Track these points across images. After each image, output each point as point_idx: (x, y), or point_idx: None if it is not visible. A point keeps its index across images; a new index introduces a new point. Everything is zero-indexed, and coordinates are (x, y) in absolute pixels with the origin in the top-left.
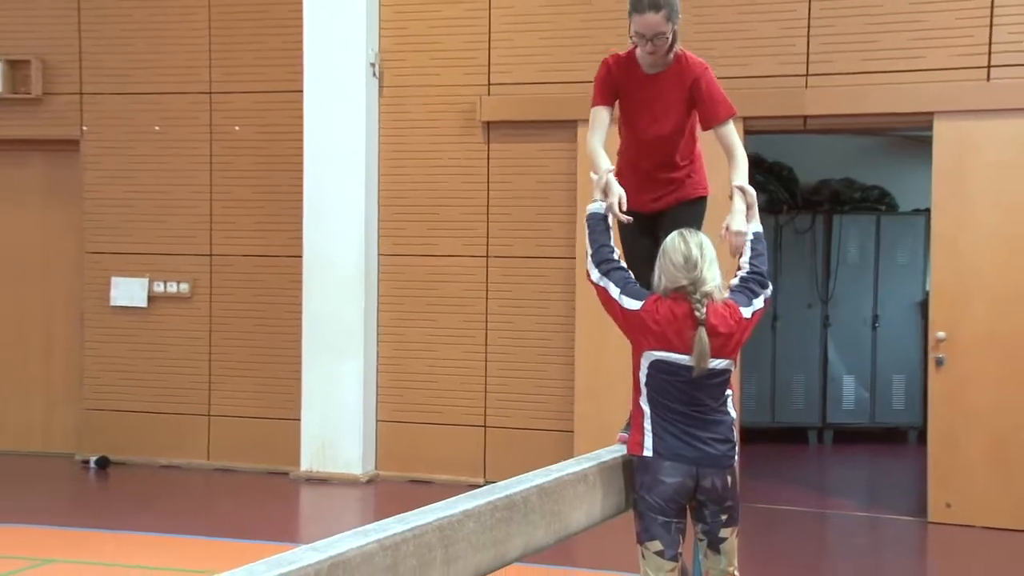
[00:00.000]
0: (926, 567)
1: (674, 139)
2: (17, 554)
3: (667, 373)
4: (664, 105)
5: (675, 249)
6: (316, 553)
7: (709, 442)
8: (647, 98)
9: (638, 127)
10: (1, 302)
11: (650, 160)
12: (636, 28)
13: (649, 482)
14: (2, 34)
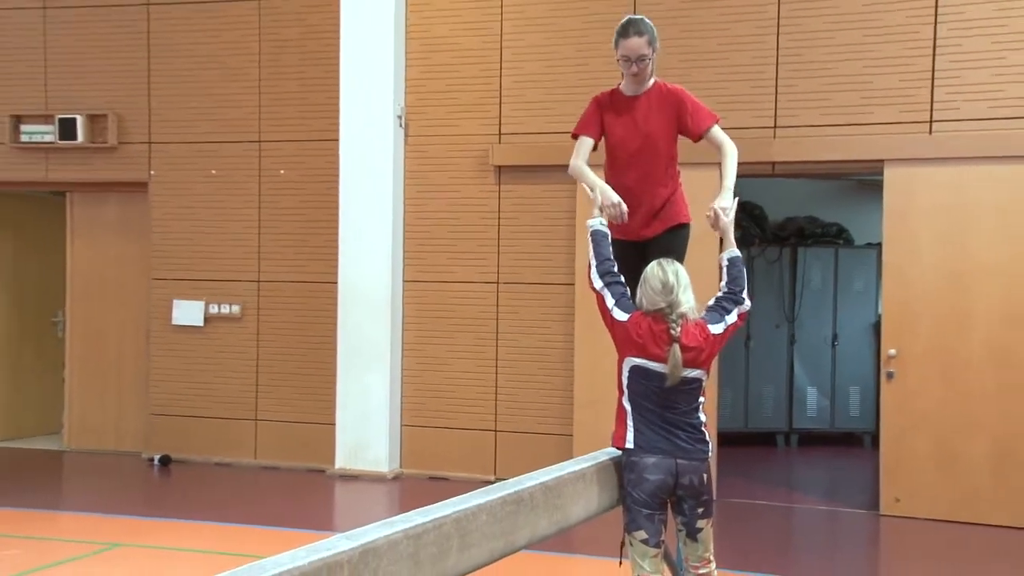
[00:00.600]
0: (878, 553)
1: (655, 147)
2: (90, 539)
3: (645, 379)
4: (644, 116)
5: (654, 276)
6: (349, 541)
7: (683, 438)
8: (630, 113)
9: (623, 138)
10: (82, 321)
11: (635, 173)
12: (622, 52)
13: (635, 479)
14: (84, 92)
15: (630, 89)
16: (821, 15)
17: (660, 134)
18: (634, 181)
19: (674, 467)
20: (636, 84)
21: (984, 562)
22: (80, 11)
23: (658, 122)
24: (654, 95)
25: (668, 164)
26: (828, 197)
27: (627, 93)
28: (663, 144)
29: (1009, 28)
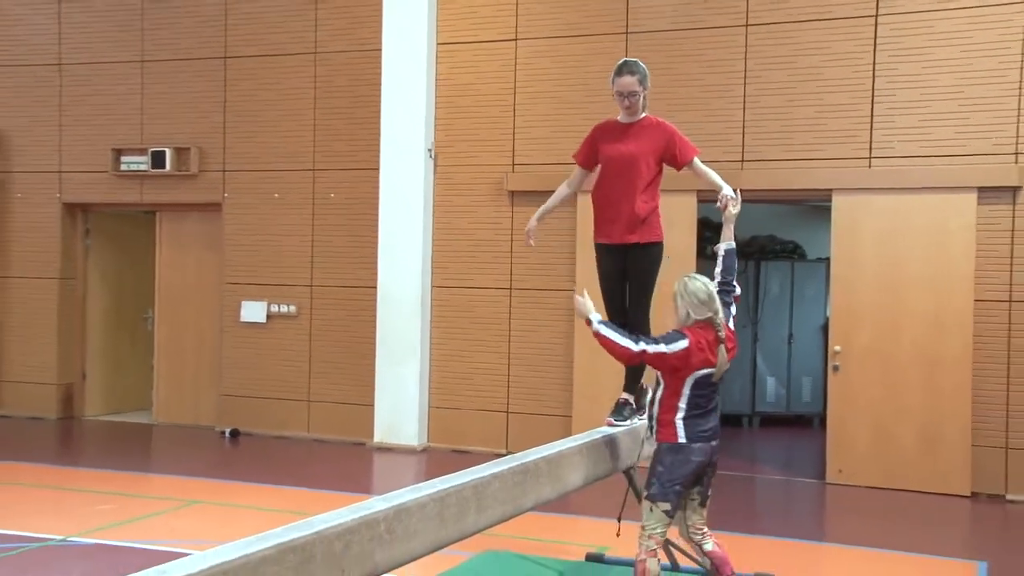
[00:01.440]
0: (824, 514)
1: (638, 165)
2: (172, 496)
3: (704, 385)
4: (633, 140)
5: (699, 290)
6: (385, 502)
7: (715, 423)
8: (622, 137)
9: (613, 157)
10: (167, 318)
11: (620, 185)
12: (617, 88)
13: (681, 461)
14: (172, 130)
15: (624, 118)
16: (780, 68)
17: (644, 156)
18: (619, 193)
19: (710, 449)
20: (629, 115)
21: (909, 520)
22: (170, 63)
23: (644, 146)
24: (645, 124)
25: (649, 183)
26: (786, 219)
27: (622, 121)
28: (645, 164)
29: (934, 82)
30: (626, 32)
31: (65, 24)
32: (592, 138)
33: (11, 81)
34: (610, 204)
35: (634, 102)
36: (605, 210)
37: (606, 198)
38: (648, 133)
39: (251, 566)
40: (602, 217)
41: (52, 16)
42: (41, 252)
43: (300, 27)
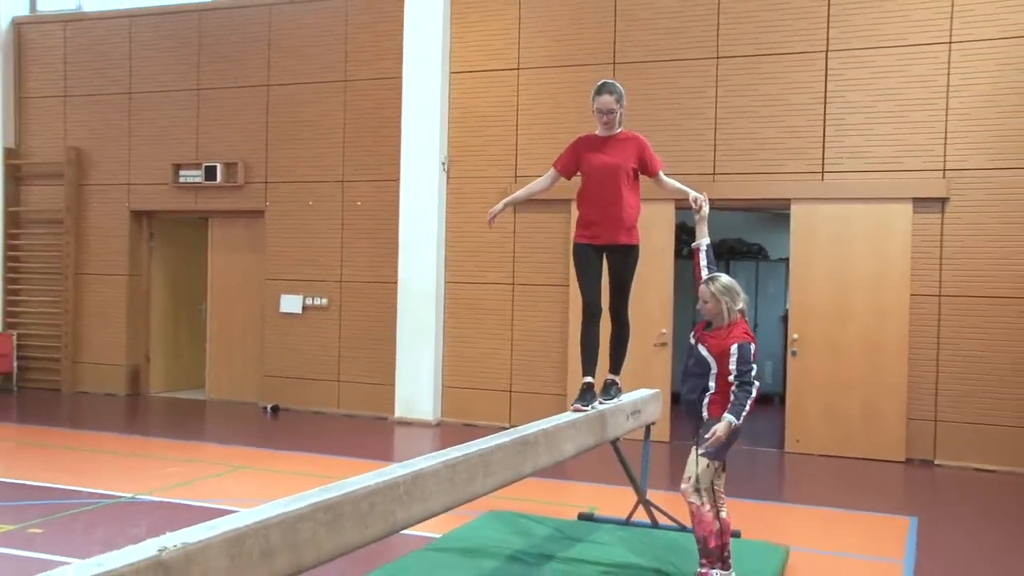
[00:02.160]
0: (783, 478)
1: (618, 173)
2: (222, 461)
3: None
4: (612, 151)
5: (735, 287)
6: (404, 468)
7: None
8: (602, 149)
9: (595, 166)
10: (218, 309)
11: (602, 193)
12: (597, 106)
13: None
14: (222, 148)
15: (603, 132)
16: (746, 95)
17: (622, 164)
18: (603, 199)
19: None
20: (607, 129)
21: (854, 482)
22: (221, 91)
23: (621, 156)
24: (621, 138)
25: (628, 189)
26: (751, 225)
27: (601, 135)
28: (623, 172)
29: (875, 108)
30: (613, 63)
31: (135, 59)
32: (575, 149)
33: (90, 109)
34: (597, 209)
35: (612, 118)
36: (591, 214)
37: (592, 203)
38: (625, 145)
39: (289, 522)
40: (587, 220)
41: (124, 53)
42: (113, 253)
43: (332, 60)
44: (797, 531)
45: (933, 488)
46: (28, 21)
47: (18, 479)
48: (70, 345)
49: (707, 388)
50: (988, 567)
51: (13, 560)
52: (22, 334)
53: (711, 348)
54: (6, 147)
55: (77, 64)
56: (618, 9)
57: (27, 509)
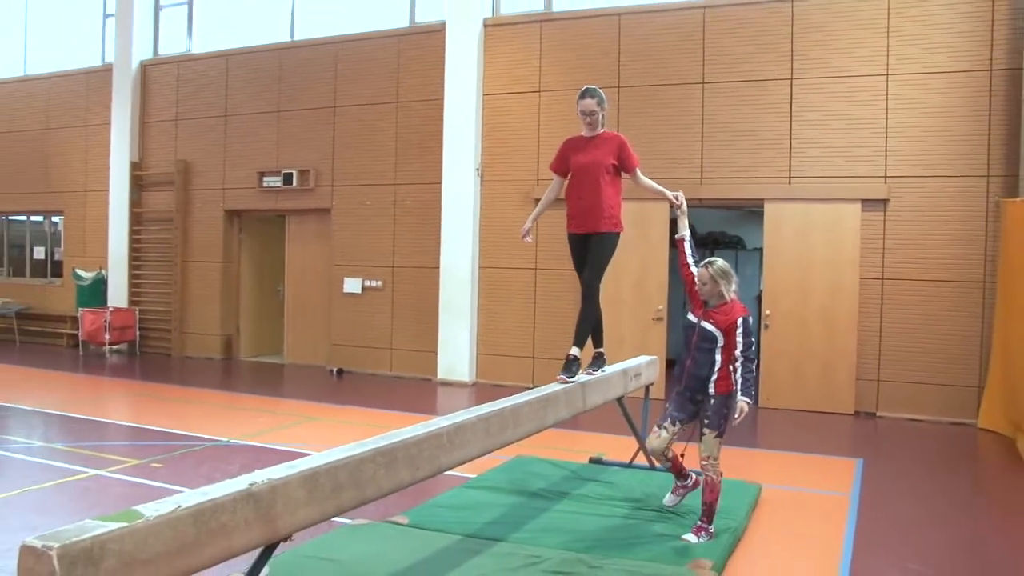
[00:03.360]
0: (756, 428)
1: (599, 168)
2: (297, 414)
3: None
4: (594, 147)
5: (730, 270)
6: (446, 421)
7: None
8: (585, 147)
9: (579, 162)
10: (294, 290)
11: (586, 185)
12: (580, 109)
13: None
14: (297, 158)
15: (587, 133)
16: (726, 114)
17: (601, 161)
18: (586, 191)
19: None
20: (590, 130)
21: (812, 431)
22: (296, 112)
23: (602, 155)
24: (603, 137)
25: (609, 182)
26: (732, 220)
27: (585, 135)
28: (605, 169)
29: (830, 125)
30: (618, 86)
31: (229, 89)
32: (563, 151)
33: (194, 129)
34: (579, 200)
35: (594, 119)
36: (575, 205)
37: (575, 196)
38: (605, 144)
39: (353, 463)
40: (572, 211)
41: (222, 85)
42: (211, 244)
43: (386, 85)
44: (767, 471)
45: (876, 435)
46: (152, 63)
47: (142, 424)
48: (178, 318)
49: (714, 363)
50: (919, 496)
51: (140, 487)
52: (143, 310)
53: (718, 323)
54: (132, 161)
55: (186, 94)
56: (621, 44)
57: (149, 448)
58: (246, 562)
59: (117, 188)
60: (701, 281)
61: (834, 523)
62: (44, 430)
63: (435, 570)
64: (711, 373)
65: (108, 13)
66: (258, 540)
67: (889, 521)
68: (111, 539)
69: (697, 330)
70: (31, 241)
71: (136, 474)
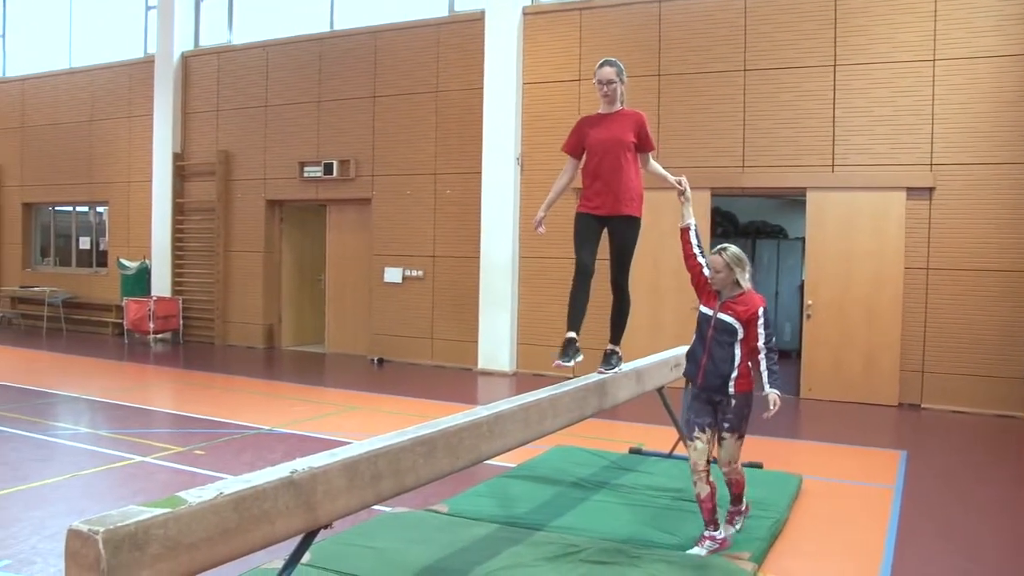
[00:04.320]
0: (799, 419)
1: (618, 146)
2: (338, 402)
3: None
4: (610, 125)
5: (744, 257)
6: (486, 410)
7: None
8: (602, 123)
9: (597, 139)
10: (334, 279)
11: (605, 164)
12: (597, 78)
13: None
14: (337, 148)
15: (604, 109)
16: (768, 102)
17: (622, 137)
18: (605, 171)
19: None
20: (608, 104)
21: (855, 422)
22: (337, 102)
23: (622, 131)
24: (622, 113)
25: (629, 162)
26: (774, 209)
27: (602, 112)
28: (623, 145)
29: (875, 112)
30: (658, 74)
31: (269, 80)
32: (578, 129)
33: (236, 119)
34: (599, 181)
35: (612, 90)
36: (595, 186)
37: (594, 176)
38: (624, 120)
39: (393, 452)
40: (589, 192)
41: (262, 75)
42: (252, 234)
43: (426, 74)
44: (809, 462)
45: (920, 427)
46: (193, 54)
47: (186, 412)
48: (220, 307)
49: (734, 358)
50: (964, 489)
51: (183, 473)
52: (186, 299)
53: (737, 314)
54: (174, 152)
55: (226, 85)
56: (661, 31)
57: (192, 436)
58: (287, 548)
59: (160, 178)
60: (715, 269)
61: (877, 516)
62: (90, 417)
63: (474, 558)
64: (731, 370)
65: (150, 5)
66: (299, 527)
67: (933, 515)
68: (155, 524)
69: (713, 323)
70: (77, 231)
71: (179, 461)
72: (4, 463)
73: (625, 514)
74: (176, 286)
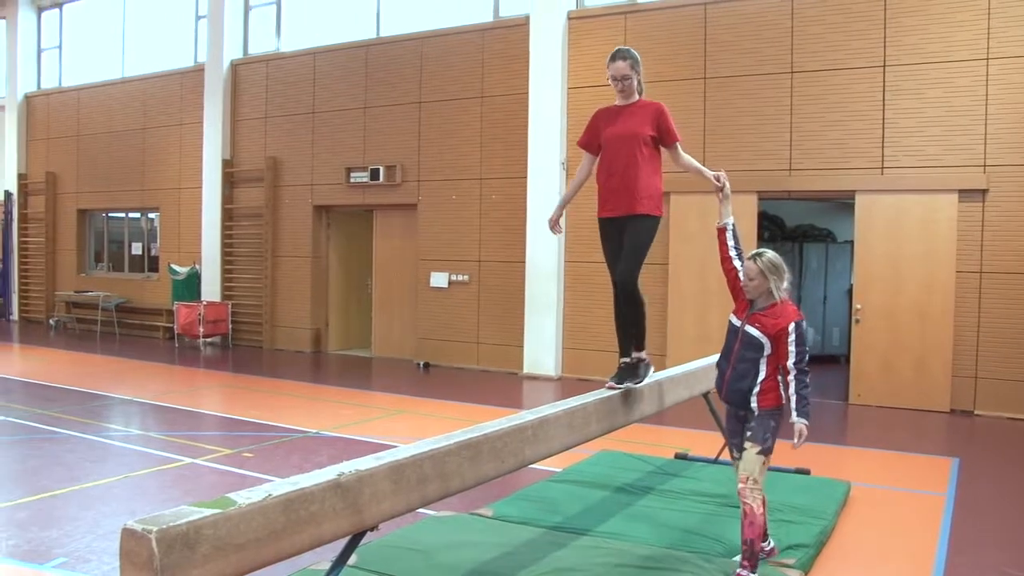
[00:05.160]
0: (846, 424)
1: (634, 140)
2: (385, 406)
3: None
4: (627, 118)
5: (782, 264)
6: (531, 415)
7: None
8: (619, 116)
9: (612, 133)
10: (382, 284)
11: (617, 162)
12: (611, 73)
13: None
14: (384, 154)
15: (620, 101)
16: (816, 104)
17: (639, 131)
18: (619, 166)
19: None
20: (624, 97)
21: (905, 429)
22: (383, 108)
23: (638, 125)
24: (639, 106)
25: (648, 157)
26: (822, 212)
27: (618, 104)
28: (639, 140)
29: (926, 113)
30: (704, 77)
31: (317, 86)
32: (593, 123)
33: (284, 126)
34: (613, 178)
35: (627, 85)
36: (608, 184)
37: (608, 173)
38: (641, 112)
39: (438, 456)
40: (603, 192)
41: (309, 82)
42: (299, 239)
43: (471, 80)
44: (858, 469)
45: (973, 434)
46: (242, 62)
47: (234, 415)
48: (269, 312)
49: (758, 374)
50: (1018, 498)
51: (231, 475)
52: (235, 303)
53: (766, 328)
54: (224, 158)
55: (274, 92)
56: (707, 33)
57: (241, 438)
58: (334, 550)
59: (210, 185)
60: (748, 276)
61: (928, 524)
62: (142, 419)
63: (519, 562)
64: (753, 385)
65: (201, 15)
66: (346, 529)
67: (986, 523)
68: (206, 524)
69: (740, 335)
70: (129, 237)
71: (228, 463)
72: (60, 464)
73: (670, 520)
74: (225, 291)
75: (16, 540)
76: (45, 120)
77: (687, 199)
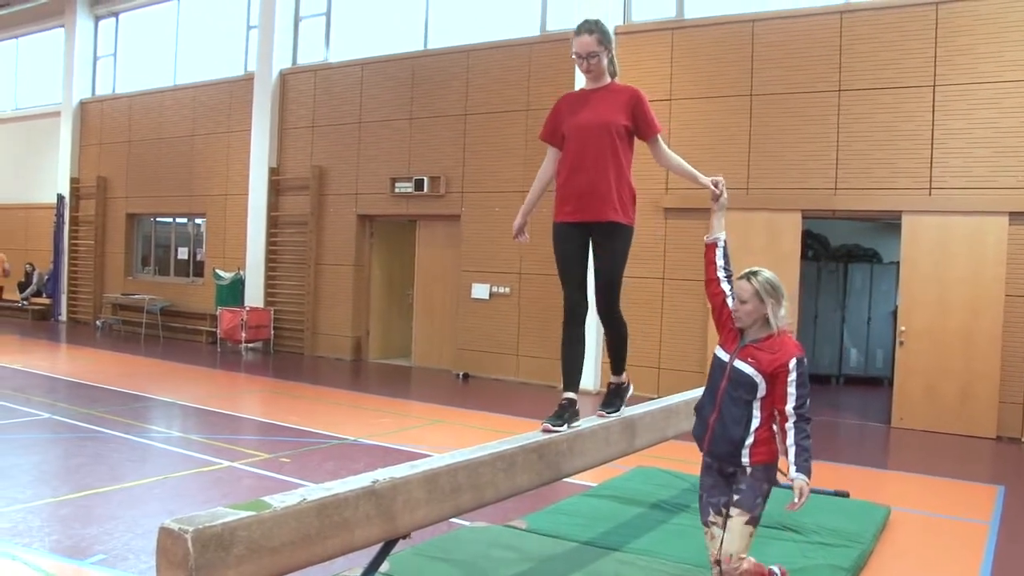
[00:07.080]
0: (888, 448)
1: (605, 130)
2: (423, 416)
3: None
4: (598, 103)
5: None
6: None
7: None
8: (586, 103)
9: (578, 123)
10: (423, 294)
11: (585, 155)
12: (575, 49)
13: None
14: (428, 165)
15: (588, 85)
16: (863, 123)
17: (611, 119)
18: (586, 162)
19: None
20: (592, 80)
21: (950, 455)
22: (428, 120)
23: (610, 109)
24: (610, 90)
25: (619, 152)
26: (867, 232)
27: (587, 88)
28: (611, 129)
29: (975, 135)
30: (750, 94)
31: (364, 97)
32: (556, 111)
33: (330, 136)
34: (578, 175)
35: (595, 64)
36: (572, 182)
37: (573, 169)
38: (613, 97)
39: (473, 466)
40: (565, 191)
41: (356, 93)
42: (343, 248)
43: (516, 93)
44: (899, 493)
45: (1020, 462)
46: (291, 72)
47: (273, 420)
48: (311, 319)
49: (750, 420)
50: None
51: (268, 480)
52: (277, 310)
53: (760, 364)
54: (270, 167)
55: (321, 102)
56: (754, 50)
57: (279, 443)
58: (366, 556)
59: (256, 192)
60: (740, 298)
61: (970, 552)
62: (183, 422)
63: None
64: (745, 435)
65: (252, 25)
66: (378, 536)
67: None
68: (240, 526)
69: (728, 372)
70: (176, 242)
71: (265, 467)
72: (104, 463)
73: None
74: (268, 297)
75: (58, 536)
76: (98, 126)
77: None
